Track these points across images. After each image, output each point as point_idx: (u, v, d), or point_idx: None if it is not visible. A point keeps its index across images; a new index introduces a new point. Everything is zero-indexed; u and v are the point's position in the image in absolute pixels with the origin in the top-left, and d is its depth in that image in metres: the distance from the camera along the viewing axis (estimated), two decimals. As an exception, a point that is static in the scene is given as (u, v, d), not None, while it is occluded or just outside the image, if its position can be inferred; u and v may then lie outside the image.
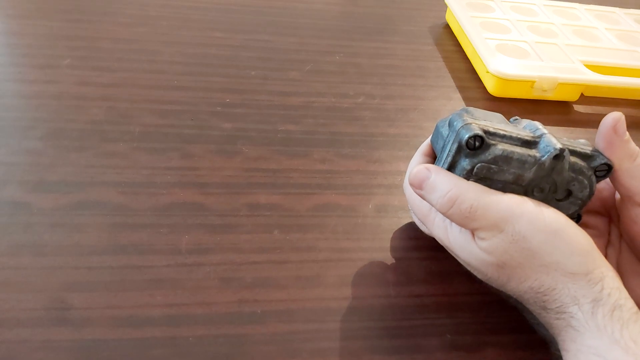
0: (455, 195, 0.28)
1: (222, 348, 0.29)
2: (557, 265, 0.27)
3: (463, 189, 0.28)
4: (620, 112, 0.30)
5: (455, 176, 0.29)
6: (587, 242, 0.27)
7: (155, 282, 0.32)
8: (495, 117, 0.31)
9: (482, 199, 0.28)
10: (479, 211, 0.28)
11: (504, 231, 0.27)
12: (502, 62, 0.53)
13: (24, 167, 0.38)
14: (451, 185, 0.28)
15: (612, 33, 0.64)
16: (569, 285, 0.26)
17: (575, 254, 0.26)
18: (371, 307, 0.32)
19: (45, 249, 0.33)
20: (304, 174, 0.41)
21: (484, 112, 0.31)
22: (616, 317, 0.25)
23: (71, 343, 0.28)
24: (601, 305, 0.25)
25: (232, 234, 0.36)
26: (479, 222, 0.28)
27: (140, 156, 0.41)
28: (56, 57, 0.51)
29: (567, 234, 0.27)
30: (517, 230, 0.27)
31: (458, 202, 0.28)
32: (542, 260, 0.27)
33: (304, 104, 0.49)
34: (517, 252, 0.27)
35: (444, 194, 0.29)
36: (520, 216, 0.27)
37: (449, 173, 0.29)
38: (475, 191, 0.28)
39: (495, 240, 0.28)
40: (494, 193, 0.28)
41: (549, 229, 0.27)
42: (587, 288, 0.26)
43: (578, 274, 0.26)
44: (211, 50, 0.55)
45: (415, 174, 0.30)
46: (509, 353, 0.31)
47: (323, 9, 0.68)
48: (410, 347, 0.31)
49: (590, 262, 0.26)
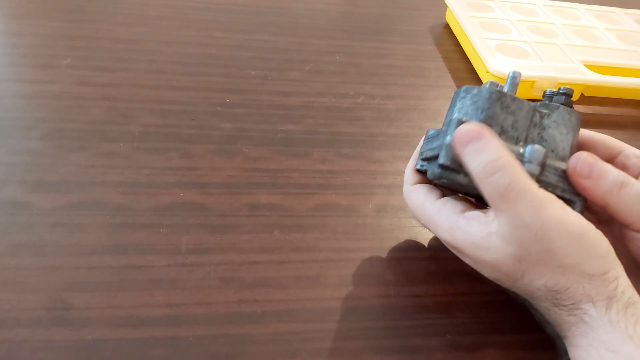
0: (501, 165, 0.27)
1: (222, 348, 0.29)
2: (574, 267, 0.26)
3: (511, 163, 0.27)
4: (583, 152, 0.29)
5: (504, 146, 0.28)
6: (606, 244, 0.27)
7: (155, 282, 0.32)
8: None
9: (521, 182, 0.27)
10: (512, 193, 0.27)
11: (529, 227, 0.26)
12: (502, 62, 0.53)
13: (24, 167, 0.38)
14: (501, 154, 0.27)
15: (612, 33, 0.64)
16: (584, 284, 0.26)
17: (595, 257, 0.26)
18: (371, 307, 0.32)
19: (45, 249, 0.33)
20: (304, 174, 0.41)
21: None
22: (630, 313, 0.25)
23: (71, 343, 0.28)
24: (615, 302, 0.26)
25: (232, 234, 0.36)
26: (510, 206, 0.27)
27: (140, 156, 0.41)
28: (56, 57, 0.51)
29: (589, 237, 0.27)
30: (544, 230, 0.26)
31: (500, 174, 0.27)
32: (562, 261, 0.26)
33: (304, 104, 0.49)
34: (538, 250, 0.27)
35: (490, 160, 0.27)
36: (549, 215, 0.26)
37: (502, 142, 0.28)
38: (520, 172, 0.27)
39: (518, 233, 0.27)
40: (531, 182, 0.27)
41: (573, 232, 0.26)
42: (602, 287, 0.26)
43: (595, 275, 0.26)
44: (211, 50, 0.55)
45: (467, 131, 0.28)
46: (509, 353, 0.31)
47: (323, 9, 0.68)
48: (410, 347, 0.31)
49: (608, 263, 0.26)
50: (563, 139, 0.30)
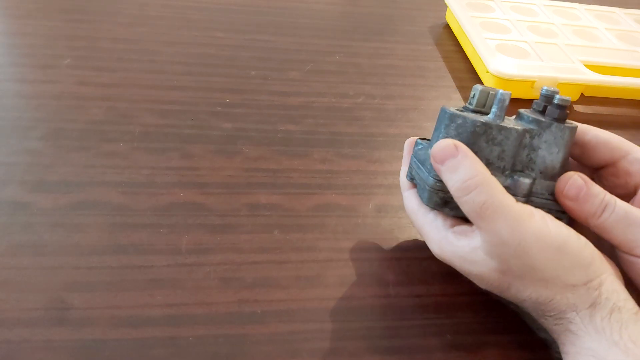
0: (476, 183, 0.27)
1: (222, 348, 0.29)
2: (557, 280, 0.27)
3: (486, 180, 0.27)
4: (574, 173, 0.29)
5: (481, 164, 0.28)
6: (590, 252, 0.27)
7: (155, 282, 0.32)
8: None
9: (496, 199, 0.27)
10: (488, 211, 0.27)
11: (507, 244, 0.27)
12: (502, 62, 0.53)
13: (24, 167, 0.38)
14: (476, 172, 0.27)
15: (612, 33, 0.64)
16: (567, 295, 0.26)
17: (577, 267, 0.26)
18: (371, 307, 0.32)
19: (45, 249, 0.33)
20: (304, 174, 0.41)
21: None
22: (614, 319, 0.25)
23: (71, 343, 0.28)
24: (599, 309, 0.26)
25: (232, 234, 0.36)
26: (489, 222, 0.27)
27: (140, 156, 0.41)
28: (56, 57, 0.51)
29: (570, 248, 0.26)
30: (522, 245, 0.26)
31: (476, 192, 0.27)
32: (543, 275, 0.27)
33: (304, 104, 0.49)
34: (518, 266, 0.27)
35: (465, 179, 0.28)
36: (526, 231, 0.26)
37: (477, 159, 0.28)
38: (495, 189, 0.27)
39: (498, 250, 0.27)
40: (508, 197, 0.27)
41: (553, 245, 0.26)
42: (586, 295, 0.26)
43: (577, 285, 0.26)
44: (211, 50, 0.55)
45: (443, 148, 0.29)
46: (509, 353, 0.31)
47: (323, 9, 0.68)
48: (410, 347, 0.31)
49: (592, 272, 0.26)
50: (553, 158, 0.30)
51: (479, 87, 0.31)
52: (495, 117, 0.29)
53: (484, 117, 0.30)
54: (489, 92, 0.30)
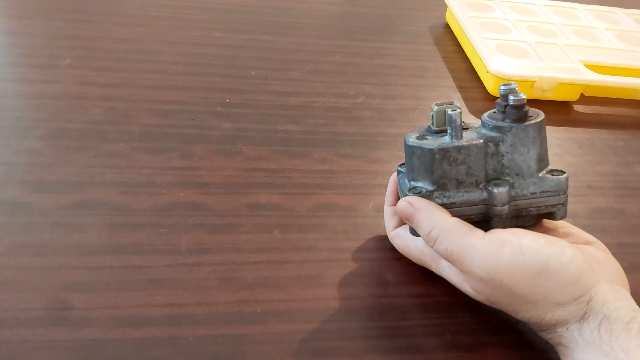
0: (435, 236, 0.29)
1: (222, 348, 0.29)
2: (544, 301, 0.27)
3: (442, 230, 0.28)
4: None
5: (437, 212, 0.29)
6: (576, 268, 0.26)
7: (155, 282, 0.32)
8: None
9: (459, 243, 0.28)
10: (454, 256, 0.28)
11: (484, 281, 0.28)
12: (502, 62, 0.53)
13: (24, 167, 0.38)
14: (432, 226, 0.29)
15: (612, 33, 0.64)
16: (557, 312, 0.27)
17: (563, 287, 0.26)
18: (371, 307, 0.32)
19: (45, 249, 0.33)
20: (304, 174, 0.41)
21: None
22: (604, 330, 0.25)
23: (71, 343, 0.28)
24: (588, 322, 0.26)
25: (232, 234, 0.36)
26: (459, 265, 0.28)
27: (140, 156, 0.41)
28: (56, 57, 0.51)
29: (552, 270, 0.26)
30: (498, 280, 0.27)
31: (437, 243, 0.29)
32: (529, 299, 0.27)
33: (304, 104, 0.49)
34: (502, 296, 0.28)
35: (425, 234, 0.29)
36: (498, 267, 0.27)
37: (430, 208, 0.29)
38: (454, 234, 0.28)
39: (480, 286, 0.28)
40: (472, 236, 0.28)
41: (531, 272, 0.26)
42: (577, 310, 0.26)
43: (566, 303, 0.26)
44: (211, 50, 0.55)
45: (401, 210, 0.30)
46: (509, 353, 0.31)
47: (323, 9, 0.68)
48: (410, 347, 0.31)
49: (580, 288, 0.26)
50: (526, 157, 0.29)
51: (435, 107, 0.31)
52: (452, 139, 0.29)
53: (441, 141, 0.30)
54: (445, 110, 0.30)
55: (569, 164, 0.47)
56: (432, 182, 0.30)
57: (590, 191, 0.44)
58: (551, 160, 0.31)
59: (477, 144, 0.29)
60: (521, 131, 0.29)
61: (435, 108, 0.30)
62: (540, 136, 0.30)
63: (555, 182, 0.29)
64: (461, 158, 0.29)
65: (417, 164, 0.30)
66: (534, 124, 0.29)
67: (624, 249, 0.39)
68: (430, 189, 0.30)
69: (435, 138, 0.30)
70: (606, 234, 0.40)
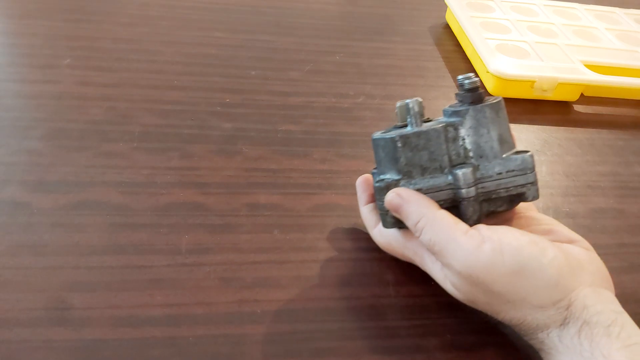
0: (421, 227, 0.29)
1: (222, 348, 0.29)
2: (523, 302, 0.27)
3: (429, 222, 0.28)
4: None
5: (424, 203, 0.29)
6: (556, 270, 0.26)
7: (155, 282, 0.32)
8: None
9: (443, 236, 0.28)
10: (436, 247, 0.28)
11: (462, 276, 0.28)
12: (502, 62, 0.53)
13: (24, 167, 0.38)
14: (420, 215, 0.29)
15: (612, 33, 0.64)
16: (537, 316, 0.27)
17: (541, 288, 0.26)
18: (371, 307, 0.32)
19: (45, 249, 0.33)
20: (304, 174, 0.41)
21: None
22: (584, 336, 0.25)
23: (71, 343, 0.28)
24: (568, 328, 0.26)
25: (232, 234, 0.36)
26: (441, 257, 0.28)
27: (140, 156, 0.41)
28: (56, 57, 0.51)
29: (530, 271, 0.26)
30: (475, 276, 0.27)
31: (423, 234, 0.29)
32: (507, 298, 0.27)
33: (304, 104, 0.49)
34: (482, 294, 0.28)
35: (412, 225, 0.29)
36: (476, 263, 0.27)
37: (419, 199, 0.29)
38: (439, 226, 0.28)
39: (459, 281, 0.28)
40: (456, 230, 0.28)
41: (509, 271, 0.26)
42: (556, 315, 0.26)
43: (545, 306, 0.26)
44: (211, 50, 0.55)
45: (390, 201, 0.30)
46: (509, 353, 0.31)
47: (323, 9, 0.68)
48: (410, 347, 0.31)
49: (559, 291, 0.26)
50: (487, 138, 0.30)
51: (398, 103, 0.31)
52: (412, 126, 0.30)
53: (401, 131, 0.30)
54: (407, 104, 0.31)
55: (569, 164, 0.47)
56: (398, 171, 0.30)
57: (590, 191, 0.44)
58: (551, 160, 0.31)
59: (436, 128, 0.30)
60: (478, 112, 0.30)
61: (398, 104, 0.31)
62: (499, 117, 0.30)
63: (520, 160, 0.29)
64: (422, 143, 0.30)
65: (383, 156, 0.31)
66: (490, 105, 0.30)
67: (624, 249, 0.39)
68: (397, 178, 0.30)
69: (398, 129, 0.31)
70: (606, 234, 0.40)
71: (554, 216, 0.41)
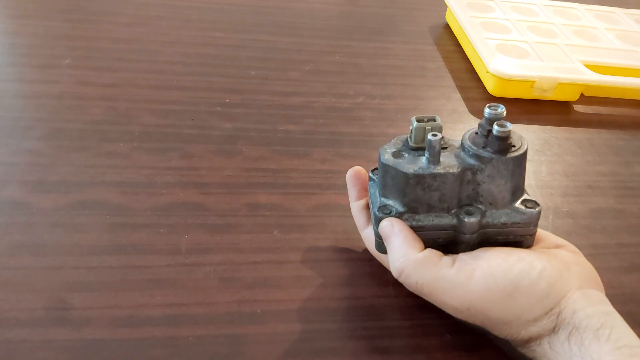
0: (401, 268, 0.28)
1: (222, 348, 0.29)
2: (516, 320, 0.27)
3: (410, 262, 0.28)
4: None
5: (410, 243, 0.28)
6: (546, 282, 0.26)
7: (155, 282, 0.32)
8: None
9: (427, 275, 0.27)
10: (425, 289, 0.28)
11: (458, 310, 0.28)
12: (502, 62, 0.53)
13: (24, 167, 0.38)
14: (400, 256, 0.28)
15: (612, 33, 0.64)
16: (530, 329, 0.27)
17: (534, 303, 0.26)
18: (371, 307, 0.32)
19: (45, 249, 0.33)
20: (304, 174, 0.41)
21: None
22: (574, 341, 0.25)
23: (71, 343, 0.28)
24: (558, 334, 0.26)
25: (232, 234, 0.36)
26: (432, 298, 0.28)
27: (140, 156, 0.41)
28: (56, 57, 0.51)
29: (523, 289, 0.26)
30: (473, 308, 0.27)
31: (404, 276, 0.28)
32: (502, 320, 0.27)
33: (304, 104, 0.49)
34: (477, 320, 0.28)
35: (392, 261, 0.28)
36: (470, 295, 0.27)
37: (406, 238, 0.28)
38: (422, 267, 0.27)
39: (455, 313, 0.28)
40: (442, 267, 0.27)
41: (503, 294, 0.26)
42: (548, 323, 0.26)
43: (537, 318, 0.26)
44: (211, 50, 0.55)
45: (382, 228, 0.29)
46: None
47: (323, 9, 0.68)
48: (410, 347, 0.31)
49: (550, 301, 0.26)
50: (502, 189, 0.28)
51: (415, 122, 0.29)
52: (429, 164, 0.28)
53: (417, 165, 0.28)
54: (425, 128, 0.29)
55: (569, 164, 0.47)
56: (403, 204, 0.29)
57: (590, 191, 0.44)
58: (551, 160, 0.31)
59: (454, 173, 0.28)
60: (501, 163, 0.28)
61: (415, 124, 0.29)
62: (519, 169, 0.28)
63: (527, 215, 0.28)
64: (435, 185, 0.28)
65: (390, 183, 0.29)
66: (515, 157, 0.28)
67: (624, 249, 0.39)
68: (401, 210, 0.29)
69: (412, 157, 0.29)
70: (606, 234, 0.40)
71: (554, 216, 0.41)
